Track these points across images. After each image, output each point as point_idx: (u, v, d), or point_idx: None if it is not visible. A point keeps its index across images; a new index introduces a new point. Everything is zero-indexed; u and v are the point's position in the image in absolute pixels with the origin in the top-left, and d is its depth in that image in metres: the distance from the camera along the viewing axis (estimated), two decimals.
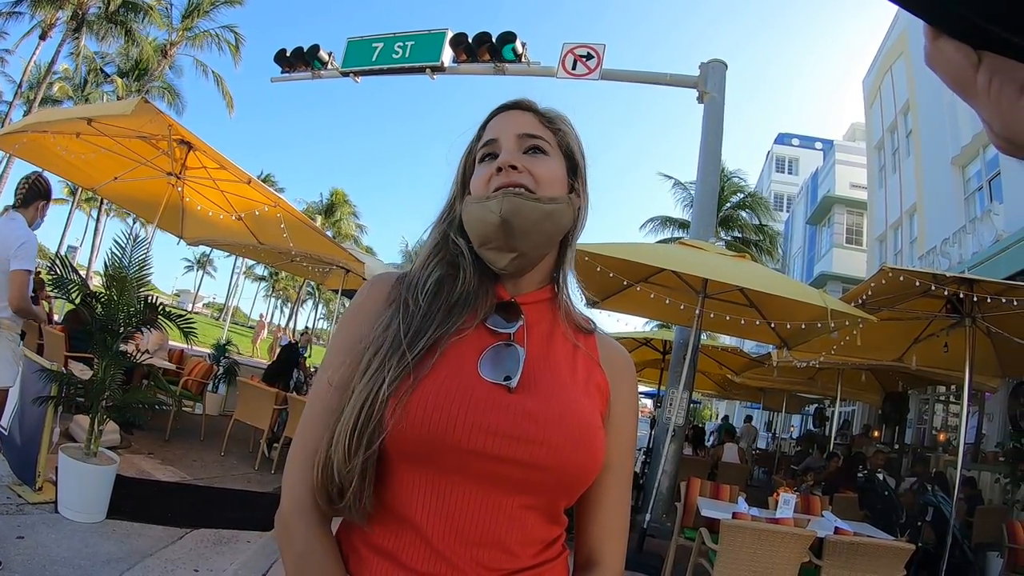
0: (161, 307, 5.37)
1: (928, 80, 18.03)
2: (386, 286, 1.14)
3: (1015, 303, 6.63)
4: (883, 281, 6.60)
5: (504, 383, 1.00)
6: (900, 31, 20.80)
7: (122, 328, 5.02)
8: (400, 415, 0.94)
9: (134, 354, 5.49)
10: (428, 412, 0.95)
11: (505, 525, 0.98)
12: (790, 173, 45.65)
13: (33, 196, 4.34)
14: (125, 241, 5.20)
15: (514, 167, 1.08)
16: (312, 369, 10.33)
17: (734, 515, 4.92)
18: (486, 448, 0.95)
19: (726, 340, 15.81)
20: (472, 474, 0.97)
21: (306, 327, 32.27)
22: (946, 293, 6.94)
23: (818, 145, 44.62)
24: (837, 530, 4.90)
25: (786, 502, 5.35)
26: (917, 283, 6.60)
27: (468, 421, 0.95)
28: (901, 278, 6.49)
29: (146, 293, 5.42)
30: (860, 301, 7.03)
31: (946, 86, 0.45)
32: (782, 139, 48.08)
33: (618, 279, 7.53)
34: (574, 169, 1.18)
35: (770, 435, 26.75)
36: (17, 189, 4.37)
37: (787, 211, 41.62)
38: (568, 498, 1.05)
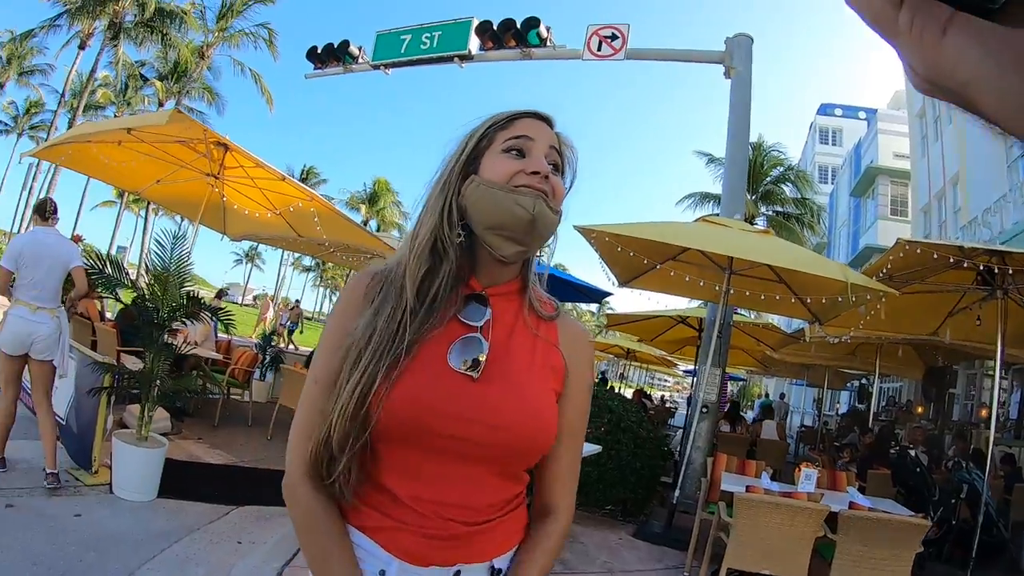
0: (202, 301, 5.68)
1: None
2: (362, 284, 1.25)
3: None
4: (900, 255, 6.58)
5: (469, 373, 1.16)
6: None
7: (166, 322, 5.35)
8: (383, 406, 1.10)
9: (181, 346, 5.82)
10: (406, 403, 1.11)
11: (469, 488, 1.17)
12: (834, 144, 44.43)
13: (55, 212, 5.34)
14: (166, 240, 5.53)
15: (547, 177, 1.19)
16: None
17: (748, 488, 4.98)
18: (454, 431, 1.13)
19: (773, 319, 15.70)
20: (441, 451, 1.14)
21: (296, 300, 31.40)
22: (980, 267, 6.83)
23: (861, 115, 43.26)
24: (852, 505, 4.88)
25: (807, 477, 5.36)
26: (935, 255, 6.57)
27: (439, 409, 1.13)
28: (919, 251, 6.47)
29: (188, 288, 5.72)
30: (883, 274, 6.99)
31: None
32: (825, 109, 46.82)
33: (641, 259, 7.62)
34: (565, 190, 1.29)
35: (815, 412, 26.49)
36: (46, 209, 5.31)
37: (832, 183, 40.76)
38: (526, 463, 1.25)
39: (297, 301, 27.84)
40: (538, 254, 1.34)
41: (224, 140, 7.13)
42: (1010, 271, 6.82)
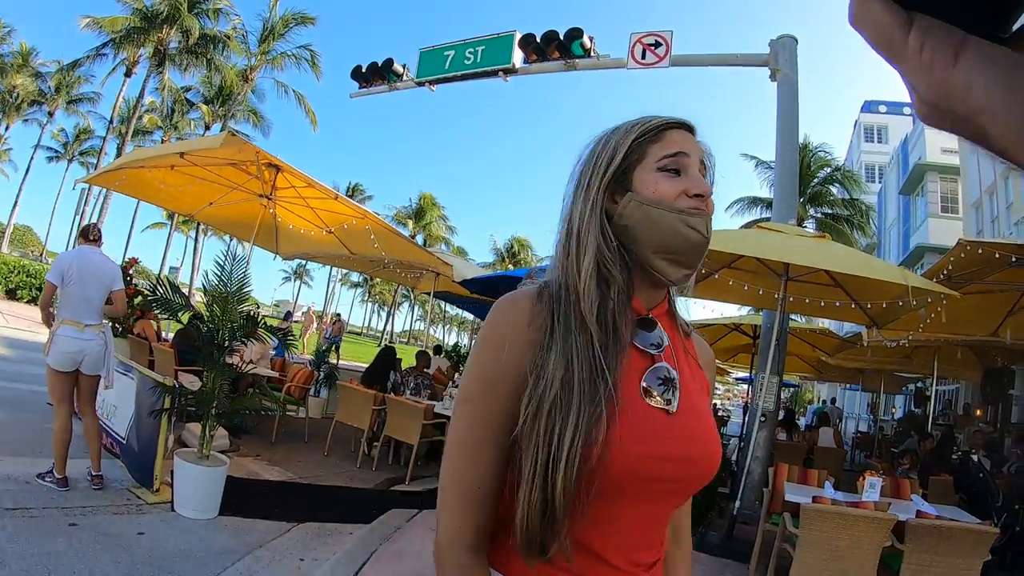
0: (262, 321, 5.75)
1: None
2: (524, 311, 1.07)
3: None
4: (962, 255, 6.46)
5: (664, 408, 1.06)
6: None
7: (227, 342, 5.42)
8: (612, 453, 0.97)
9: (240, 365, 5.89)
10: (623, 450, 0.98)
11: (658, 530, 1.12)
12: (880, 142, 43.66)
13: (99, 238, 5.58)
14: (225, 261, 5.60)
15: (707, 198, 1.11)
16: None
17: (814, 499, 4.89)
18: (660, 473, 1.03)
19: (825, 323, 15.42)
20: (644, 495, 1.05)
21: (336, 313, 30.75)
22: None
23: (907, 110, 42.19)
24: (919, 513, 4.81)
25: (872, 486, 5.28)
26: (997, 255, 6.42)
27: (650, 452, 1.02)
28: (980, 251, 6.34)
29: (247, 308, 5.80)
30: (943, 276, 6.86)
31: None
32: (868, 107, 46.02)
33: (698, 269, 7.48)
34: None
35: (871, 417, 25.94)
36: (89, 233, 5.54)
37: (879, 182, 40.05)
38: (693, 494, 1.18)
39: (338, 314, 27.90)
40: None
41: (276, 161, 7.23)
42: None
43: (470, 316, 19.82)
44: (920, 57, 0.39)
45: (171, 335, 9.53)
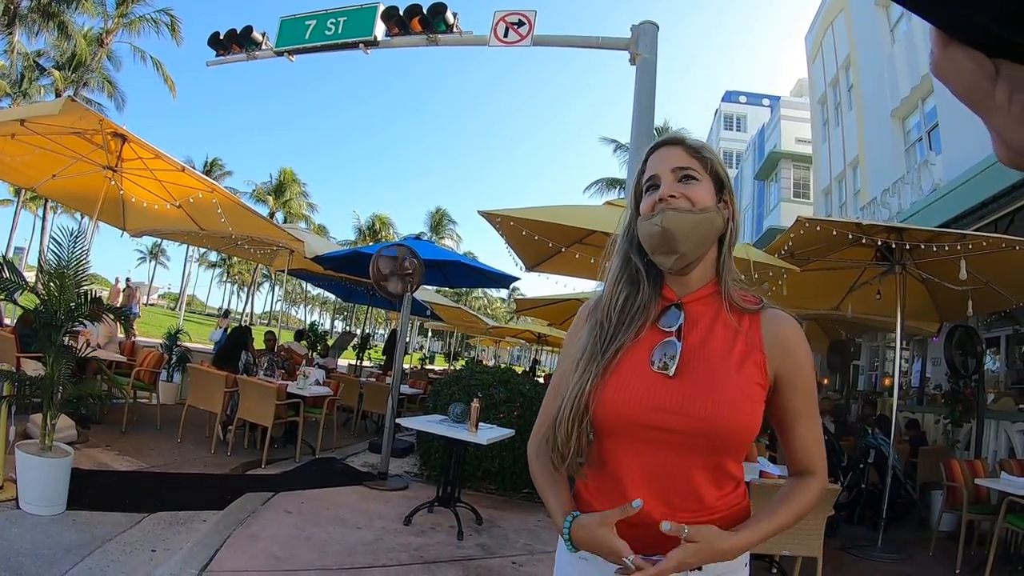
0: (99, 300, 5.43)
1: (867, 35, 18.36)
2: (585, 310, 1.56)
3: (946, 248, 6.85)
4: (801, 231, 6.79)
5: (663, 371, 1.36)
6: None
7: (64, 323, 5.08)
8: (597, 403, 1.35)
9: (82, 348, 5.55)
10: (615, 399, 1.35)
11: (676, 479, 1.34)
12: (738, 130, 45.67)
13: None
14: (63, 238, 5.25)
15: (673, 196, 1.40)
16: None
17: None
18: (658, 422, 1.32)
19: None
20: (651, 440, 1.34)
21: (127, 279, 28.62)
22: (877, 242, 7.09)
23: (765, 102, 44.52)
24: (762, 474, 5.02)
25: None
26: (835, 232, 6.79)
27: (640, 402, 1.34)
28: (818, 228, 6.68)
29: (87, 288, 5.47)
30: (784, 251, 7.21)
31: (957, 93, 0.42)
32: (730, 97, 48.05)
33: (546, 243, 7.57)
34: (720, 186, 1.47)
35: None
36: None
37: (736, 168, 41.88)
38: (731, 454, 1.40)
39: (128, 280, 26.18)
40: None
41: (121, 130, 6.85)
42: (907, 247, 7.16)
43: (332, 296, 19.42)
44: (1010, 108, 0.38)
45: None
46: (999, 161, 0.43)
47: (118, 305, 23.93)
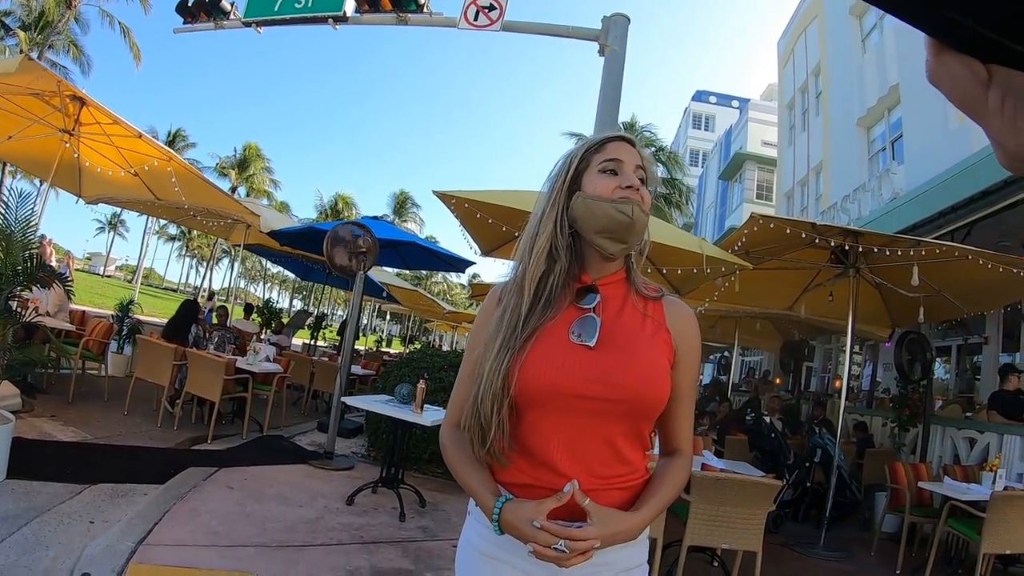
0: (46, 265, 5.32)
1: (839, 44, 18.59)
2: (496, 294, 1.58)
3: (899, 253, 6.90)
4: (755, 228, 6.82)
5: (584, 344, 1.41)
6: None
7: (8, 287, 4.96)
8: (519, 376, 1.37)
9: (29, 314, 5.43)
10: (537, 371, 1.37)
11: (602, 448, 1.40)
12: (706, 130, 46.18)
13: None
14: (11, 199, 5.12)
15: (638, 189, 1.45)
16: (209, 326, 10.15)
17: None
18: (582, 391, 1.37)
19: None
20: (574, 410, 1.38)
21: (211, 291, 28.95)
22: (831, 244, 7.17)
23: (735, 103, 45.09)
24: (704, 466, 5.04)
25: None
26: (788, 231, 6.83)
27: (564, 372, 1.38)
28: (772, 225, 6.73)
29: (35, 251, 5.34)
30: (738, 248, 7.26)
31: (952, 101, 0.42)
32: (700, 96, 48.51)
33: (501, 227, 7.50)
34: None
35: None
36: None
37: (701, 166, 42.26)
38: (648, 419, 1.47)
39: (44, 236, 25.88)
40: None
41: (80, 93, 6.70)
42: (861, 250, 7.27)
43: (291, 275, 19.19)
44: (1002, 113, 0.39)
45: None
46: (1000, 165, 0.43)
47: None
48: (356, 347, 14.17)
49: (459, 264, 12.29)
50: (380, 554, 4.55)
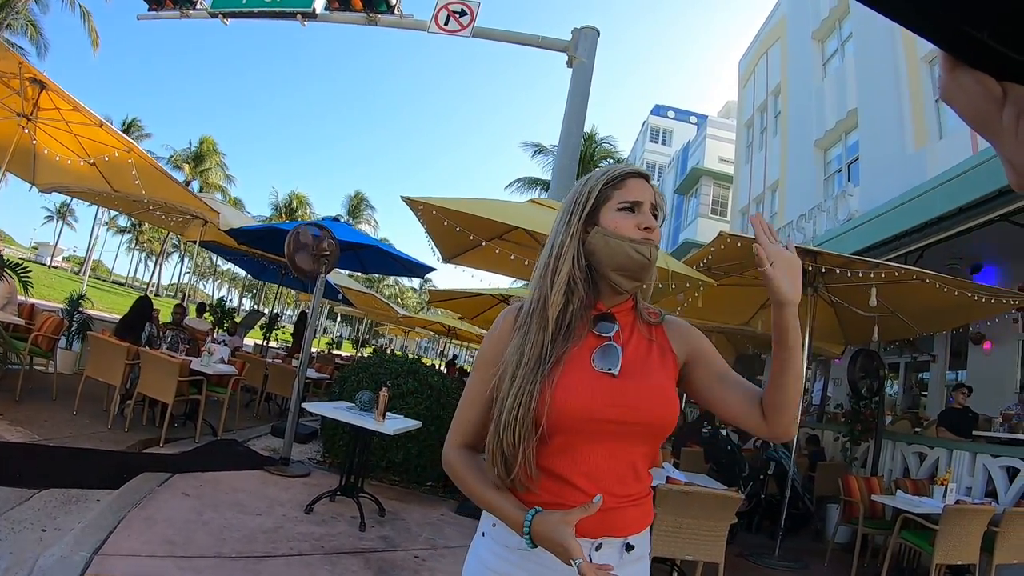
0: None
1: (800, 66, 18.96)
2: (511, 318, 1.59)
3: (860, 274, 7.12)
4: (722, 246, 6.97)
5: (609, 372, 1.47)
6: (780, 17, 21.66)
7: None
8: (551, 402, 1.40)
9: None
10: (568, 398, 1.42)
11: (623, 467, 1.48)
12: (664, 144, 46.58)
13: None
14: None
15: (655, 231, 1.54)
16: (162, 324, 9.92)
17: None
18: (609, 416, 1.43)
19: None
20: (602, 433, 1.44)
21: (183, 295, 28.47)
22: None
23: (692, 119, 45.66)
24: (668, 479, 5.06)
25: None
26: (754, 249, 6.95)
27: (594, 399, 1.43)
28: (739, 244, 6.84)
29: None
30: (702, 264, 7.40)
31: (959, 112, 0.41)
32: (658, 111, 48.95)
33: (467, 235, 7.49)
34: None
35: None
36: None
37: (657, 180, 42.63)
38: (662, 437, 1.55)
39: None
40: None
41: (41, 77, 6.52)
42: (822, 270, 7.41)
43: (242, 272, 18.84)
44: (1016, 132, 0.38)
45: None
46: (1011, 186, 0.43)
47: None
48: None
49: (420, 270, 12.23)
50: (342, 565, 4.47)
